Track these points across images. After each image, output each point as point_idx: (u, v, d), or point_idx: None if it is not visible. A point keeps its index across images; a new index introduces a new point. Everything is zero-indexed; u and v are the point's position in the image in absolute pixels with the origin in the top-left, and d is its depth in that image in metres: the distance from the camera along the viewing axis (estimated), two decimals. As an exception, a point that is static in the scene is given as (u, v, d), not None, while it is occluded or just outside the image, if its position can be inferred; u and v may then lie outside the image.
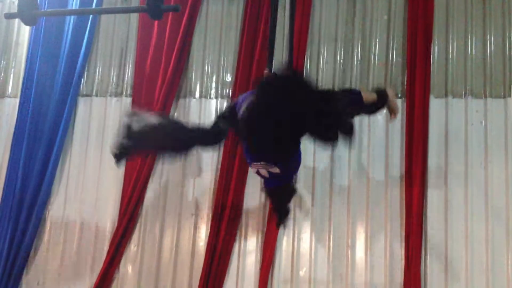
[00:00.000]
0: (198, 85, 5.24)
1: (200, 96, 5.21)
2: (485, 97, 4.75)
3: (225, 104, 5.10)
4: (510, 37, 4.81)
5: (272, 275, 4.69)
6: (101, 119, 5.31)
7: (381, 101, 3.70)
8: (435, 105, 4.77)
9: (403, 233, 4.55)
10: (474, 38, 4.85)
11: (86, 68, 5.40)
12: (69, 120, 5.27)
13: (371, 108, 3.74)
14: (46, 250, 5.12)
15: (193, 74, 5.26)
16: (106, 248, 4.97)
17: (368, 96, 3.65)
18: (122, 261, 4.95)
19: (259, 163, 3.06)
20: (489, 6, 4.87)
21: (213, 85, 5.22)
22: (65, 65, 5.32)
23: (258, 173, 3.19)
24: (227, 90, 5.16)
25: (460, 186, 4.61)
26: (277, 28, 3.62)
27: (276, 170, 3.08)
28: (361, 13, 5.05)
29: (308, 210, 4.78)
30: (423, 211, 4.55)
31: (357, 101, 3.59)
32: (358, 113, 3.80)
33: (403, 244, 4.53)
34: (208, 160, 5.00)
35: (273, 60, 3.64)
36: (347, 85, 4.92)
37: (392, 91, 3.87)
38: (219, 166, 4.93)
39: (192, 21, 5.25)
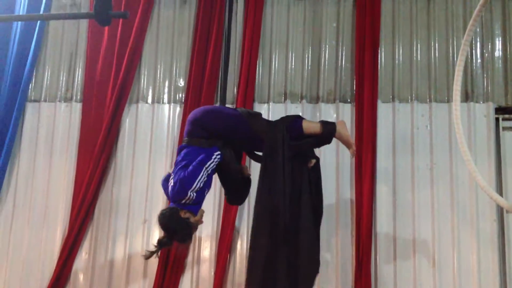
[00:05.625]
0: (150, 90, 5.21)
1: (153, 101, 5.18)
2: (430, 101, 4.92)
3: (178, 109, 5.09)
4: (454, 44, 5.00)
5: (226, 280, 4.71)
6: (50, 125, 5.21)
7: (326, 133, 3.55)
8: (383, 110, 4.91)
9: (354, 233, 4.67)
10: (419, 45, 5.02)
11: (34, 73, 5.29)
12: (17, 126, 5.15)
13: (315, 140, 3.59)
14: (-6, 260, 4.98)
15: (145, 79, 5.22)
16: (56, 256, 4.88)
17: (309, 125, 3.55)
18: (73, 269, 4.87)
19: None
20: (433, 13, 5.06)
21: (166, 90, 5.20)
22: (12, 70, 5.20)
23: None
24: (180, 95, 5.15)
25: (407, 187, 4.77)
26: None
27: None
28: (311, 20, 5.15)
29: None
30: (373, 212, 4.68)
31: (294, 129, 3.50)
32: (301, 146, 3.58)
33: (354, 244, 4.64)
34: (162, 165, 4.98)
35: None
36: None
37: (343, 124, 3.69)
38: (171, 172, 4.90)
39: (144, 25, 5.21)
